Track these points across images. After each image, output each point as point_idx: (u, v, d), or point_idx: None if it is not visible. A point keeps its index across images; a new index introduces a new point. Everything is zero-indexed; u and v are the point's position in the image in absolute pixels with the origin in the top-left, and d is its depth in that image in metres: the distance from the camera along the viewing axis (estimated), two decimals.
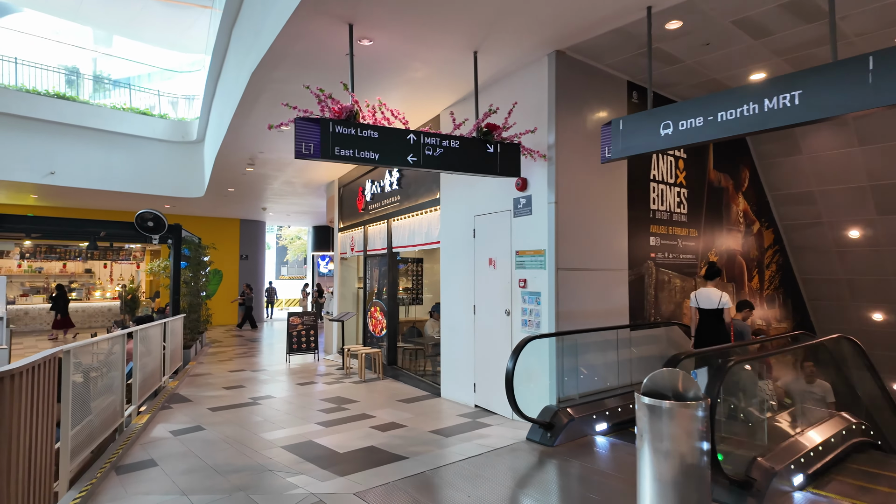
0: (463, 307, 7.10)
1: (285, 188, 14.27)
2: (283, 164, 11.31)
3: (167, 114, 15.79)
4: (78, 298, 19.46)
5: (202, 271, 15.03)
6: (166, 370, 9.26)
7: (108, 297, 20.32)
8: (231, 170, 11.95)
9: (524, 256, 6.04)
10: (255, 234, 21.65)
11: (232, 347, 14.38)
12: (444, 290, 7.60)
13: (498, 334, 6.41)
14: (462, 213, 7.14)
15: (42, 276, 19.54)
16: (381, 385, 8.87)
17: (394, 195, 9.50)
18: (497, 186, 6.49)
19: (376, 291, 10.51)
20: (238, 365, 11.52)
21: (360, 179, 11.36)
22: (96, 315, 19.68)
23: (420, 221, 8.48)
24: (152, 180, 14.94)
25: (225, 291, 20.66)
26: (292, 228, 34.71)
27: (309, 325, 12.14)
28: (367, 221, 10.72)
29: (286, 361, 11.84)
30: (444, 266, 7.62)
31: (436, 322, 9.72)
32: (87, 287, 20.09)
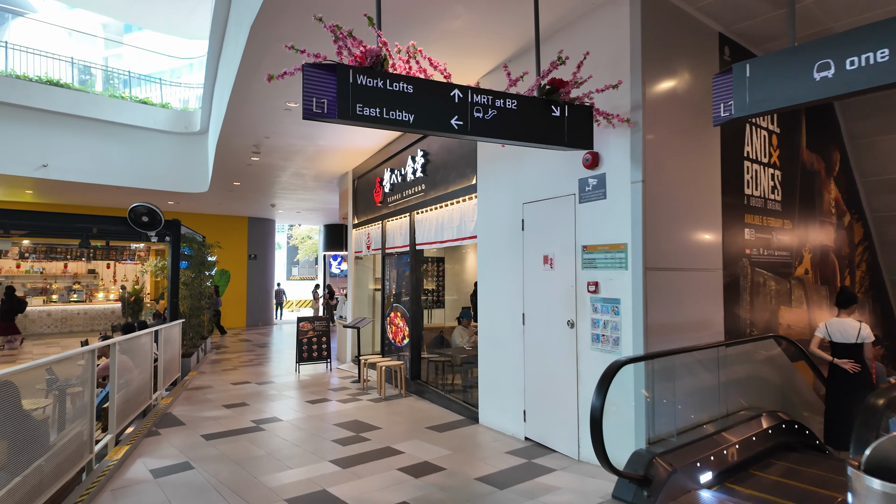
0: (508, 315, 5.72)
1: (295, 181, 12.95)
2: (292, 152, 9.98)
3: (169, 103, 14.54)
4: (79, 300, 18.31)
5: (207, 272, 13.77)
6: (159, 385, 7.95)
7: (111, 298, 19.14)
8: (235, 159, 10.63)
9: (595, 253, 4.65)
10: (264, 232, 20.38)
11: (238, 354, 13.07)
12: (483, 295, 6.22)
13: (557, 352, 5.02)
14: (506, 200, 5.76)
15: (43, 276, 18.39)
16: (405, 405, 7.50)
17: (417, 184, 8.14)
18: (555, 165, 5.10)
19: (395, 294, 9.14)
20: (243, 375, 10.20)
21: (377, 169, 10.00)
22: (98, 318, 18.49)
23: (450, 213, 7.10)
24: (154, 174, 13.67)
25: (233, 293, 19.40)
26: (303, 227, 33.45)
27: (321, 332, 10.80)
28: (386, 216, 9.36)
29: (296, 371, 10.50)
30: (483, 265, 6.24)
31: (465, 330, 8.34)
32: (89, 289, 18.91)
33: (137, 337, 7.06)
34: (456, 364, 8.05)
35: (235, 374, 10.36)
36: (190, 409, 7.55)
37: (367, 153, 9.97)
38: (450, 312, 11.21)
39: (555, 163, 5.10)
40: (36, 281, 18.19)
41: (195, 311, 11.38)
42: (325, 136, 8.84)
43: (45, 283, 18.29)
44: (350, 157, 10.41)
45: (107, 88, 14.02)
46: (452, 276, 11.37)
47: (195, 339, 11.45)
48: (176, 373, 9.43)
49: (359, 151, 9.85)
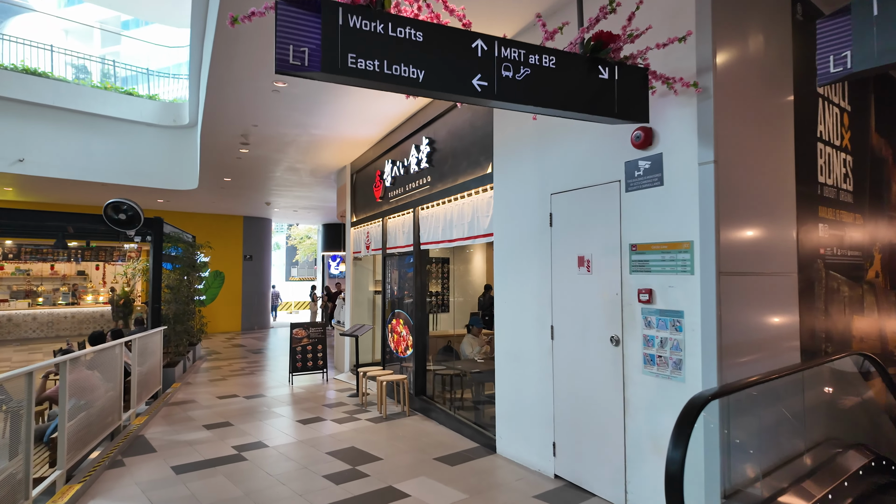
0: (532, 328, 4.77)
1: (289, 177, 12.00)
2: (284, 143, 9.03)
3: (157, 94, 13.59)
4: (66, 303, 17.37)
5: (197, 273, 12.82)
6: (132, 402, 7.01)
7: (101, 301, 18.20)
8: (223, 152, 9.69)
9: (648, 253, 3.70)
10: (259, 232, 19.42)
11: (229, 361, 12.12)
12: (501, 304, 5.27)
13: (597, 374, 4.08)
14: (530, 191, 4.81)
15: (30, 279, 17.45)
16: (409, 426, 6.55)
17: (422, 176, 7.19)
18: (592, 146, 4.16)
19: (397, 299, 8.19)
20: (231, 388, 9.25)
21: (377, 162, 9.05)
22: (87, 321, 17.55)
23: (460, 208, 6.15)
24: (140, 170, 12.72)
25: (227, 295, 18.45)
26: (302, 227, 32.51)
27: (316, 339, 9.85)
28: (387, 212, 8.41)
29: (289, 383, 9.55)
30: (501, 269, 5.29)
31: (475, 339, 7.39)
32: (78, 291, 17.97)
33: (102, 351, 6.12)
34: (466, 379, 7.11)
35: (223, 386, 9.41)
36: (165, 431, 6.60)
37: (366, 144, 9.02)
38: (457, 318, 10.26)
39: (592, 144, 4.15)
40: (22, 283, 17.28)
41: (181, 316, 10.43)
42: (319, 124, 7.89)
43: (32, 286, 17.36)
44: (347, 149, 9.47)
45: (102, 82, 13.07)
46: (458, 277, 10.42)
47: (181, 347, 10.51)
48: (156, 385, 8.49)
49: (357, 142, 8.91)
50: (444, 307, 10.16)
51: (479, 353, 7.29)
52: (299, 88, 6.46)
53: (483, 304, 11.59)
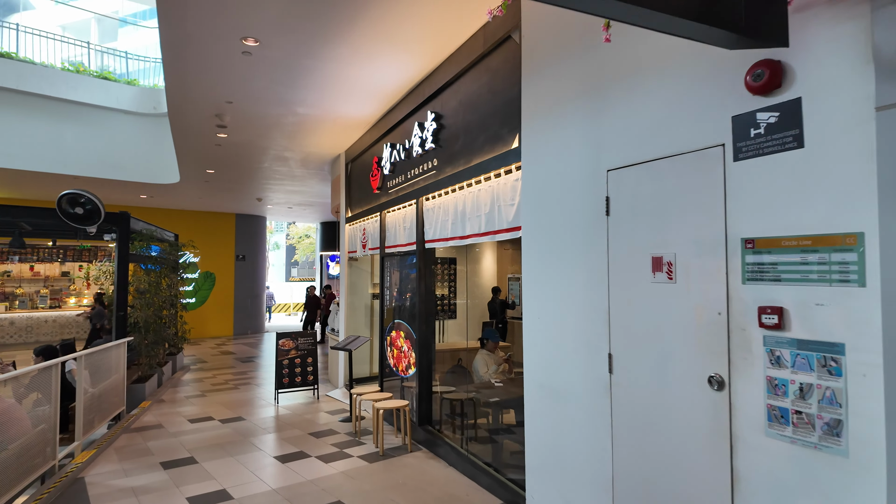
0: (578, 354, 3.47)
1: (279, 168, 10.71)
2: (267, 126, 7.74)
3: (135, 79, 12.32)
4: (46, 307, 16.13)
5: (181, 275, 11.55)
6: (78, 433, 5.77)
7: (84, 304, 16.97)
8: (198, 136, 8.40)
9: (778, 253, 2.40)
10: (253, 231, 18.14)
11: (214, 373, 10.84)
12: (532, 318, 3.96)
13: (686, 430, 2.77)
14: (576, 167, 3.50)
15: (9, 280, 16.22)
16: (411, 467, 5.25)
17: (427, 160, 5.89)
18: (679, 96, 2.84)
19: (398, 307, 6.90)
20: (208, 407, 7.97)
21: (374, 147, 7.76)
22: (70, 326, 16.32)
23: (476, 197, 4.85)
24: (117, 162, 11.46)
25: (218, 297, 17.18)
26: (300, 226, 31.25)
27: (305, 351, 8.56)
28: (386, 205, 7.12)
29: (274, 401, 8.27)
30: (531, 272, 3.98)
31: (490, 356, 6.09)
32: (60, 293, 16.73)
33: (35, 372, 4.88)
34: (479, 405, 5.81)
35: (200, 405, 8.12)
36: (112, 472, 5.32)
37: (361, 126, 7.72)
38: (465, 325, 8.98)
39: (676, 94, 2.84)
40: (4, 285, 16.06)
41: (153, 324, 9.15)
42: (305, 100, 6.60)
43: (11, 288, 16.14)
44: (340, 134, 8.18)
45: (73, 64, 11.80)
46: (465, 279, 9.14)
47: (156, 359, 9.23)
48: (118, 406, 7.22)
49: (350, 123, 7.61)
50: (450, 313, 8.88)
51: (496, 372, 6.00)
52: (275, 49, 5.17)
53: (493, 310, 10.32)
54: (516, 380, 5.82)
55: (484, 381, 5.98)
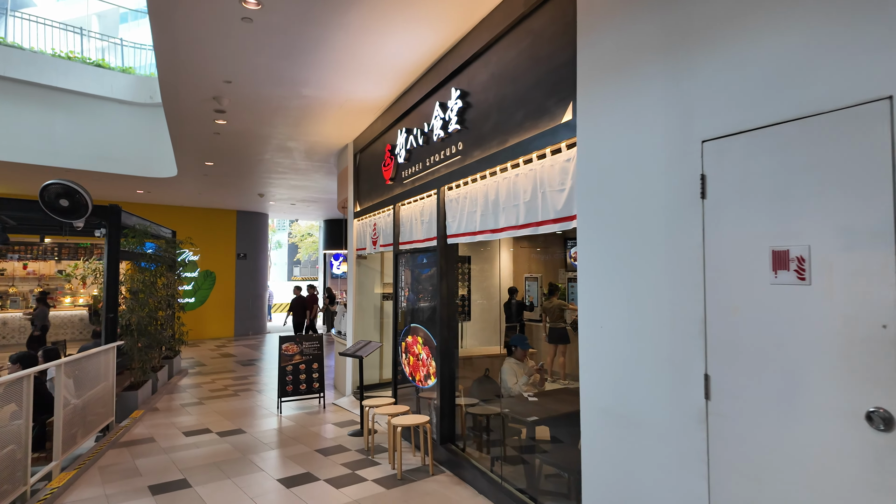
0: (658, 373, 2.76)
1: (282, 160, 10.01)
2: (269, 112, 7.03)
3: (131, 67, 11.62)
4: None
5: (178, 274, 10.87)
6: (56, 453, 5.09)
7: (80, 303, 16.31)
8: (195, 123, 7.69)
9: None
10: (255, 228, 17.44)
11: (213, 377, 10.15)
12: (591, 324, 3.22)
13: (833, 482, 2.07)
14: (653, 139, 2.78)
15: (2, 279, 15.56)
16: (437, 497, 4.53)
17: (450, 144, 5.19)
18: (816, 36, 2.13)
19: (414, 310, 6.19)
20: (206, 417, 7.28)
21: (386, 134, 7.06)
22: (65, 326, 15.64)
23: (513, 183, 4.14)
24: (112, 155, 10.78)
25: (219, 297, 16.49)
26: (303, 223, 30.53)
27: (311, 356, 7.87)
28: (400, 197, 6.42)
29: (277, 411, 7.58)
30: (590, 271, 3.25)
31: (519, 365, 5.40)
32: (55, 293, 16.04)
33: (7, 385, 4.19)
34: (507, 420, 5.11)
35: (198, 414, 7.43)
36: (91, 500, 4.62)
37: (373, 110, 7.02)
38: (480, 329, 8.29)
39: (812, 33, 2.14)
40: None
41: (147, 328, 8.45)
42: (310, 80, 5.90)
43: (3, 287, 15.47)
44: (349, 121, 7.47)
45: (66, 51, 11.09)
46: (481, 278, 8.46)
47: (150, 363, 8.54)
48: (106, 417, 6.54)
49: (360, 108, 6.91)
50: (465, 315, 8.22)
51: (527, 384, 5.30)
52: (278, 14, 4.47)
53: (509, 312, 9.67)
54: (553, 394, 5.12)
55: (513, 393, 5.28)
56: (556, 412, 4.51)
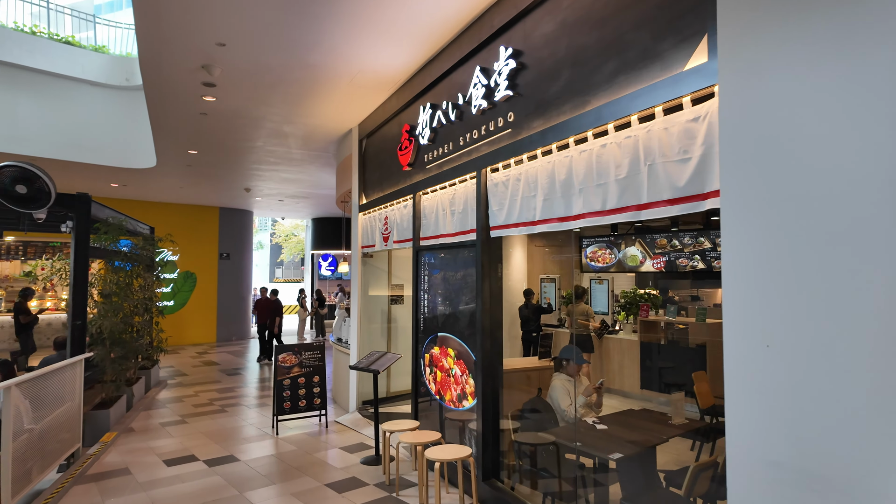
0: (879, 418, 1.88)
1: (274, 148, 8.96)
2: (267, 85, 6.02)
3: (105, 46, 10.47)
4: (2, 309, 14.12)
5: (157, 275, 9.75)
6: (8, 494, 4.04)
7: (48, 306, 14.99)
8: (179, 100, 6.62)
9: None
10: (239, 226, 16.28)
11: (196, 389, 9.04)
12: (748, 345, 2.24)
13: None
14: (873, 81, 1.90)
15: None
16: None
17: (496, 116, 4.25)
18: None
19: (442, 315, 5.24)
20: (190, 440, 6.21)
21: (403, 113, 6.10)
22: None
23: (595, 157, 3.22)
24: (82, 142, 9.62)
25: (200, 300, 15.30)
26: (287, 223, 29.27)
27: (311, 369, 6.86)
28: (422, 185, 5.47)
29: (273, 431, 6.56)
30: (742, 269, 2.29)
31: (571, 383, 4.49)
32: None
33: None
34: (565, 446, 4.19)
35: (179, 436, 6.36)
36: None
37: (386, 86, 6.05)
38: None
39: None
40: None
41: (122, 336, 7.35)
42: (320, 44, 4.92)
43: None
44: (356, 99, 6.50)
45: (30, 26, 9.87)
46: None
47: (123, 376, 7.43)
48: (72, 444, 5.47)
49: (372, 81, 5.93)
50: None
51: (584, 405, 4.39)
52: None
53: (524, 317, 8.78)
54: (621, 419, 4.21)
55: (567, 417, 4.36)
56: (636, 443, 3.60)
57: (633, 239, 10.08)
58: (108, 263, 7.95)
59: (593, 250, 10.65)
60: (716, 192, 2.49)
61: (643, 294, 8.94)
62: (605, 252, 10.48)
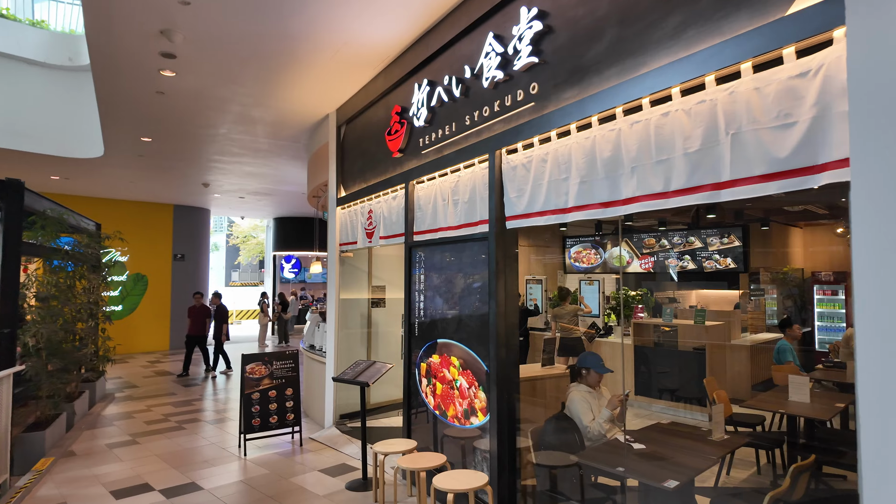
0: None
1: (239, 136, 8.16)
2: (237, 58, 5.29)
3: (44, 21, 9.43)
4: None
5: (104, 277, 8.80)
6: None
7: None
8: (132, 75, 5.80)
9: None
10: (195, 226, 15.23)
11: (146, 404, 8.12)
12: (890, 351, 1.84)
13: None
14: None
15: None
16: None
17: (513, 90, 3.68)
18: None
19: (441, 320, 4.64)
20: (141, 465, 5.38)
21: (393, 94, 5.48)
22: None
23: (651, 129, 2.71)
24: (17, 127, 8.59)
25: (152, 304, 14.17)
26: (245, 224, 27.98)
27: (283, 381, 6.14)
28: (416, 172, 4.87)
29: (239, 451, 5.81)
30: (877, 264, 1.87)
31: (594, 396, 3.99)
32: None
33: None
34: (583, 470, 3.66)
35: (129, 460, 5.53)
36: None
37: (374, 63, 5.43)
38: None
39: None
40: None
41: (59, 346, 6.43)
42: (303, 10, 4.27)
43: None
44: (338, 80, 5.84)
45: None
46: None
47: (62, 391, 6.50)
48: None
49: (359, 58, 5.30)
50: None
51: (608, 420, 3.88)
52: None
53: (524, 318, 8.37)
54: (654, 436, 3.71)
55: (590, 435, 3.84)
56: (686, 466, 3.10)
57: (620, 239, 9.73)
58: (46, 263, 7.02)
59: (577, 251, 10.25)
60: (837, 163, 1.99)
61: (636, 295, 8.57)
62: (591, 252, 10.10)
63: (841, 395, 4.95)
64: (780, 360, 6.49)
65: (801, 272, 9.45)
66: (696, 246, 8.73)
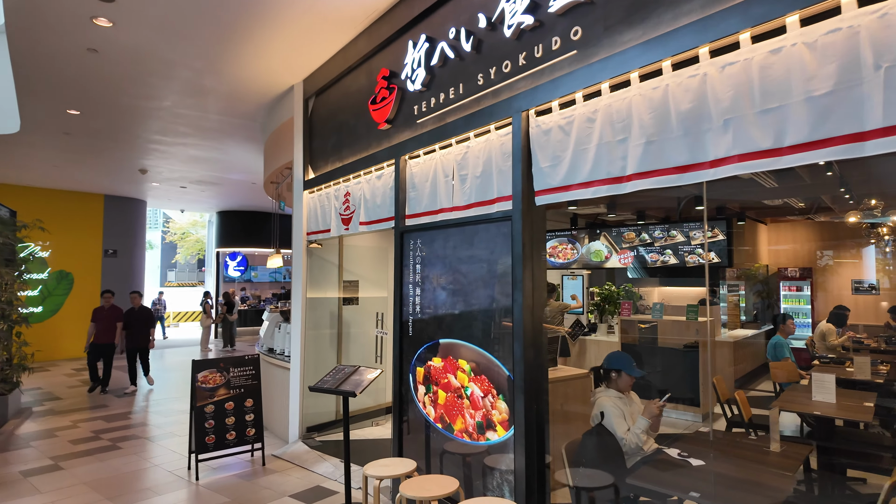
0: None
1: (185, 111, 7.16)
2: (194, 8, 4.44)
3: None
4: None
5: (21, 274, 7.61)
6: None
7: None
8: (56, 21, 4.79)
9: None
10: (129, 218, 13.85)
11: (71, 419, 6.99)
12: None
13: None
14: None
15: None
16: None
17: (541, 39, 3.05)
18: None
19: (444, 317, 3.97)
20: (65, 497, 4.43)
21: (377, 57, 4.75)
22: None
23: (764, 69, 2.16)
24: None
25: (78, 305, 12.71)
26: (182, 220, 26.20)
27: (242, 391, 5.31)
28: (409, 146, 4.18)
29: (189, 476, 4.93)
30: None
31: (626, 402, 3.44)
32: None
33: None
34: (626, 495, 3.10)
35: (50, 491, 4.54)
36: None
37: (354, 23, 4.69)
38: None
39: None
40: None
41: None
42: None
43: None
44: (308, 43, 5.07)
45: None
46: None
47: None
48: None
49: (336, 17, 4.56)
50: None
51: (644, 432, 3.34)
52: None
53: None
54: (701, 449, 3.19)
55: (629, 448, 3.28)
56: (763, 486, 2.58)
57: (598, 233, 9.36)
58: None
59: (553, 245, 9.81)
60: None
61: (621, 290, 8.18)
62: (567, 247, 9.68)
63: (864, 394, 4.65)
64: (777, 357, 6.22)
65: (766, 268, 9.37)
66: (678, 240, 8.45)
